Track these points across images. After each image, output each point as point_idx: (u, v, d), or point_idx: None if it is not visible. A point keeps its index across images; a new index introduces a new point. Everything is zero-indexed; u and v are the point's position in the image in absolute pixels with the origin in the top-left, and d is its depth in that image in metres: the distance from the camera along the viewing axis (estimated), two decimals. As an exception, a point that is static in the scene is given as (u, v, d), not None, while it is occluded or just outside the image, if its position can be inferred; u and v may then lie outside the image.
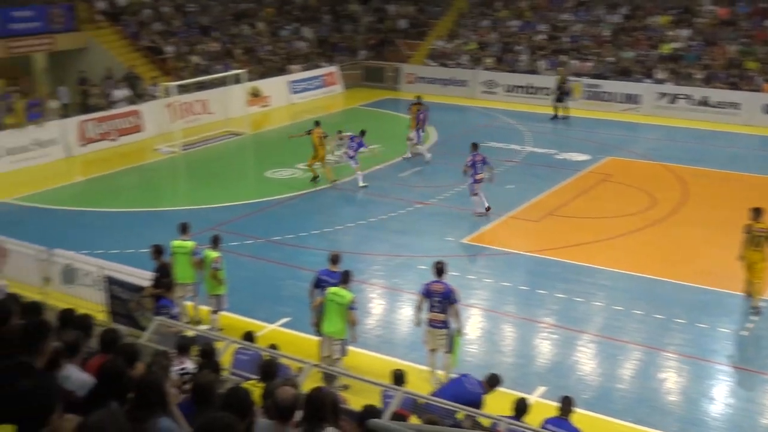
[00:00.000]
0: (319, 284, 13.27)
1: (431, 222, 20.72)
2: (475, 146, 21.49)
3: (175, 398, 6.44)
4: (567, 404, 10.07)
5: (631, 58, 35.50)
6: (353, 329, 12.78)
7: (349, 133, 26.29)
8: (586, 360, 14.07)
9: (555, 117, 32.16)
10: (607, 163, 25.92)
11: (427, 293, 12.97)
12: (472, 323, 15.47)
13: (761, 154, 28.33)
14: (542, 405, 12.21)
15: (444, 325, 12.90)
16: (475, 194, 20.89)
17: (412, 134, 26.68)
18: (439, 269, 13.16)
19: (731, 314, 15.69)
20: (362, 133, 23.80)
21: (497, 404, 10.36)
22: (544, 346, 14.51)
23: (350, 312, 12.54)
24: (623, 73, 34.94)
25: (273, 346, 11.41)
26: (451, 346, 12.91)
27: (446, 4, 43.45)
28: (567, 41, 37.67)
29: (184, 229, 14.98)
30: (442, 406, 9.39)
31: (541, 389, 12.88)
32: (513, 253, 18.73)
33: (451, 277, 17.09)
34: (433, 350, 13.07)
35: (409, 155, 26.52)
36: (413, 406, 9.67)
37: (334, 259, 13.46)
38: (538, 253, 18.64)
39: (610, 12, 38.56)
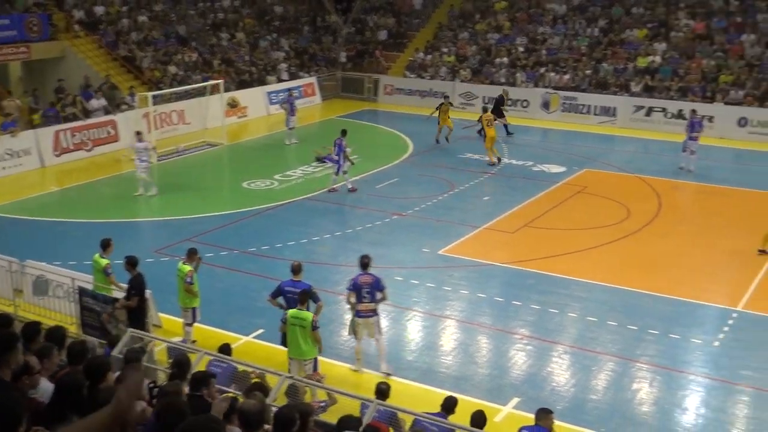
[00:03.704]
0: (283, 294, 13.29)
1: (408, 233, 20.78)
2: (343, 132, 23.71)
3: (146, 413, 6.43)
4: (546, 416, 9.92)
5: (608, 71, 35.83)
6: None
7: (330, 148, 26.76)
8: (561, 371, 14.15)
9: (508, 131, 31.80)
10: (583, 175, 26.12)
11: (357, 287, 13.60)
12: (447, 334, 15.53)
13: (735, 166, 28.66)
14: (516, 416, 12.31)
15: (375, 313, 13.79)
16: (345, 172, 23.45)
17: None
18: (365, 263, 13.86)
19: (703, 325, 15.86)
20: (343, 132, 23.85)
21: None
22: (519, 357, 14.58)
23: (314, 333, 12.48)
24: (600, 86, 35.26)
25: (226, 345, 11.38)
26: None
27: (425, 16, 43.68)
28: (545, 54, 37.95)
29: (104, 245, 14.62)
30: (428, 421, 9.42)
31: (515, 400, 12.95)
32: (489, 264, 18.81)
33: (426, 288, 17.30)
34: (360, 339, 13.84)
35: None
36: (391, 419, 9.66)
37: (296, 270, 13.46)
38: (514, 265, 18.74)
39: (587, 26, 38.92)
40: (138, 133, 24.33)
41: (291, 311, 12.59)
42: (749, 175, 26.90)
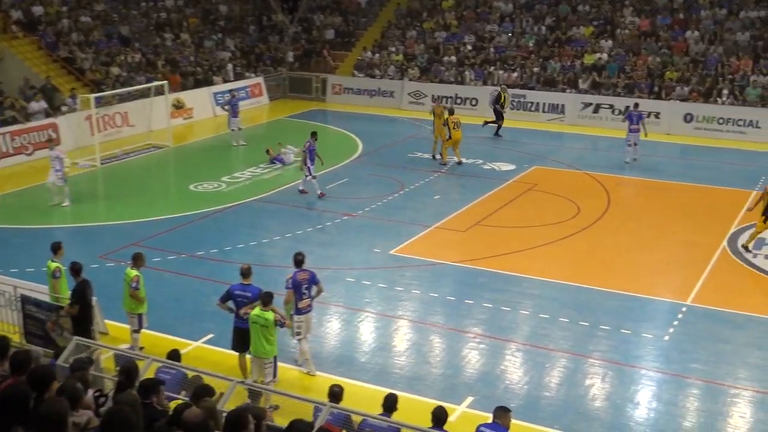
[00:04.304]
0: (233, 298, 13.19)
1: (358, 234, 20.75)
2: (314, 135, 23.31)
3: (92, 422, 6.32)
4: (504, 414, 9.90)
5: (556, 69, 36.24)
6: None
7: (284, 148, 26.59)
8: (514, 369, 14.25)
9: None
10: (533, 173, 26.37)
11: (296, 284, 13.63)
12: (400, 335, 15.54)
13: (681, 162, 29.18)
14: (471, 415, 12.37)
15: (311, 308, 13.93)
16: (314, 177, 23.08)
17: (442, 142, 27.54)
18: (299, 260, 13.92)
19: (654, 320, 16.11)
20: (314, 135, 23.39)
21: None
22: (472, 356, 14.65)
23: (277, 330, 12.50)
24: (548, 84, 35.64)
25: (175, 351, 11.26)
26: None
27: (373, 14, 43.71)
28: (493, 52, 38.23)
29: (54, 248, 14.37)
30: (380, 422, 9.40)
31: (469, 399, 13.01)
32: (440, 263, 18.88)
33: (378, 289, 17.30)
34: (306, 337, 13.86)
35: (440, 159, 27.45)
36: (344, 422, 9.63)
37: (245, 273, 13.37)
38: (466, 263, 18.83)
39: (534, 24, 39.30)
40: (50, 141, 23.95)
41: (254, 311, 12.52)
42: (695, 170, 27.41)
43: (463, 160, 27.32)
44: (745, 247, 19.41)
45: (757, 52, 34.20)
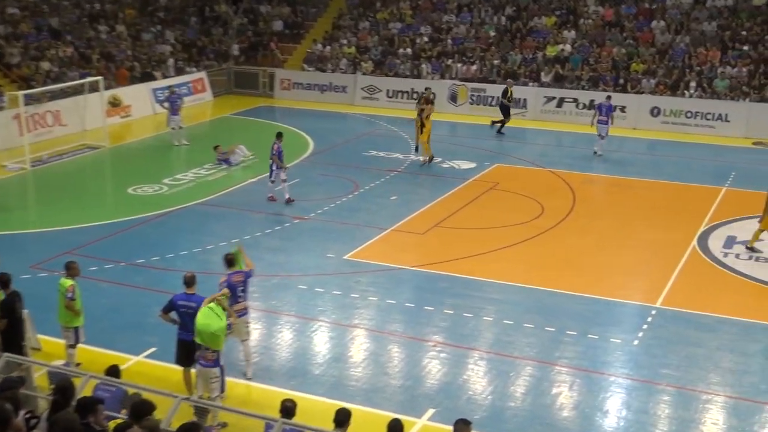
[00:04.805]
0: (176, 309, 13.04)
1: (311, 238, 20.71)
2: (279, 136, 23.07)
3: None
4: (465, 427, 9.95)
5: (517, 61, 36.54)
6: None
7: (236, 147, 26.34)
8: (477, 378, 14.33)
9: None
10: (495, 171, 26.57)
11: (232, 286, 13.60)
12: (356, 345, 15.53)
13: (649, 158, 29.62)
14: (432, 428, 12.41)
15: (247, 311, 14.09)
16: (284, 181, 22.83)
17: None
18: (231, 260, 13.96)
19: (622, 324, 16.31)
20: (279, 136, 23.05)
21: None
22: (433, 366, 14.69)
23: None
24: (509, 77, 35.92)
25: (114, 367, 11.13)
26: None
27: (323, 5, 43.69)
28: (450, 44, 38.44)
29: None
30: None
31: (430, 411, 13.04)
32: (398, 268, 18.91)
33: (332, 297, 17.28)
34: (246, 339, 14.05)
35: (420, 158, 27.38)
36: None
37: (189, 281, 13.22)
38: (425, 268, 18.89)
39: (494, 14, 39.60)
40: None
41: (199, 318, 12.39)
42: (663, 166, 27.85)
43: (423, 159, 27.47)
44: (751, 248, 19.71)
45: (724, 42, 34.87)
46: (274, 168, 22.94)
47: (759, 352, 15.22)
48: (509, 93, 32.18)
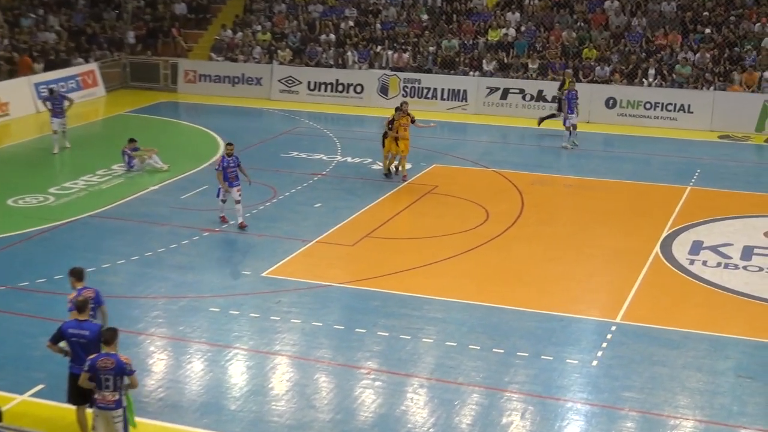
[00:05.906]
0: (66, 338, 12.80)
1: (223, 253, 20.62)
2: (230, 146, 22.01)
3: None
4: None
5: (455, 48, 36.84)
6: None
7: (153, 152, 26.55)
8: (417, 409, 14.37)
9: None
10: (432, 172, 26.76)
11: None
12: (278, 375, 15.47)
13: (605, 154, 30.12)
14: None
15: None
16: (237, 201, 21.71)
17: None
18: (80, 273, 13.65)
19: (579, 342, 16.53)
20: (229, 145, 22.21)
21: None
22: (366, 396, 14.71)
23: (129, 377, 12.18)
24: (446, 66, 36.20)
25: None
26: None
27: (232, -15, 43.55)
28: (379, 29, 38.58)
29: None
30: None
31: (364, 449, 13.07)
32: (324, 285, 18.90)
33: (250, 320, 17.19)
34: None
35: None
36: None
37: (81, 306, 13.01)
38: (355, 284, 18.92)
39: (428, -7, 39.92)
40: None
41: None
42: (621, 164, 28.39)
43: (355, 161, 27.52)
44: None
45: (685, 25, 35.62)
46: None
47: (730, 369, 15.51)
48: (566, 85, 30.77)
